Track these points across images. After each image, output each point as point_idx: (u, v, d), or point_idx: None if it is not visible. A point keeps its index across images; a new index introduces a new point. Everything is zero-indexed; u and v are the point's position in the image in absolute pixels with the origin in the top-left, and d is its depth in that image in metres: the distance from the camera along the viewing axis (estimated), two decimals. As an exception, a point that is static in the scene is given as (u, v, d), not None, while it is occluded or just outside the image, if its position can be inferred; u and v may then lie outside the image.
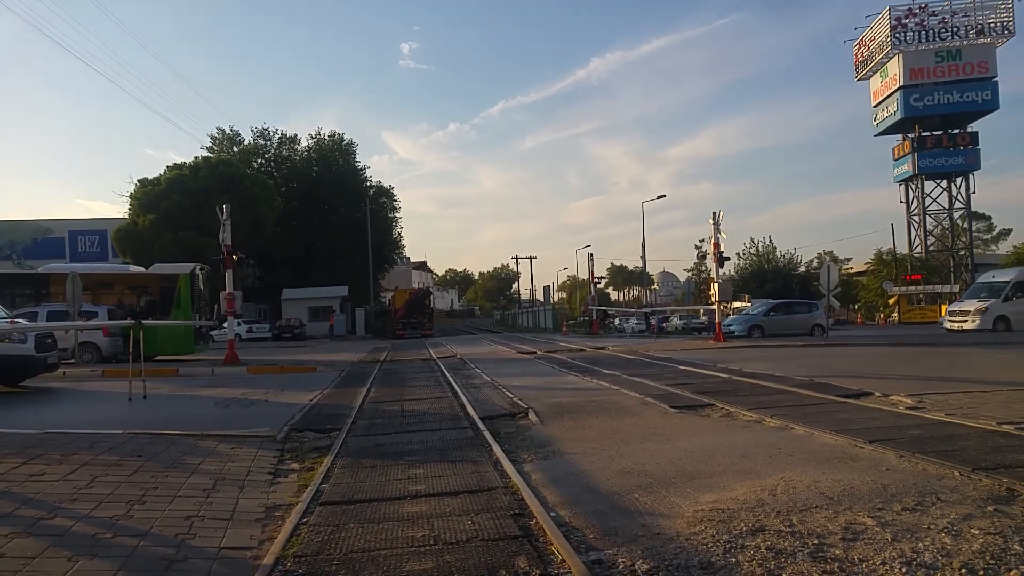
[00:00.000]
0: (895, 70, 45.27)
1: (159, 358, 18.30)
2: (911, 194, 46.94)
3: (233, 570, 3.50)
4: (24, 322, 12.51)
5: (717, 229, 21.75)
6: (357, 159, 53.70)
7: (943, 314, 28.55)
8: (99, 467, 5.36)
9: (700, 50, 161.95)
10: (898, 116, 45.22)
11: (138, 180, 39.77)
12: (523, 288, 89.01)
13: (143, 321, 11.65)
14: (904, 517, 3.89)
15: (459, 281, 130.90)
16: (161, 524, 4.14)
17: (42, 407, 10.06)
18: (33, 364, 11.89)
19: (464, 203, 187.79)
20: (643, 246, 44.32)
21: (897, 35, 44.41)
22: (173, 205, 36.05)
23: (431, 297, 48.42)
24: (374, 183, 55.00)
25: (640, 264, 47.12)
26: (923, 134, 45.40)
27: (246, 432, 7.16)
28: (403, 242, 60.55)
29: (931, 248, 46.66)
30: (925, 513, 3.94)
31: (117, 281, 21.82)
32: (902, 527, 3.72)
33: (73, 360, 16.97)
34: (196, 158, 41.49)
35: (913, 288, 40.12)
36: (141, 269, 22.92)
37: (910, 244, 46.69)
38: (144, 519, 4.21)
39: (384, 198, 55.25)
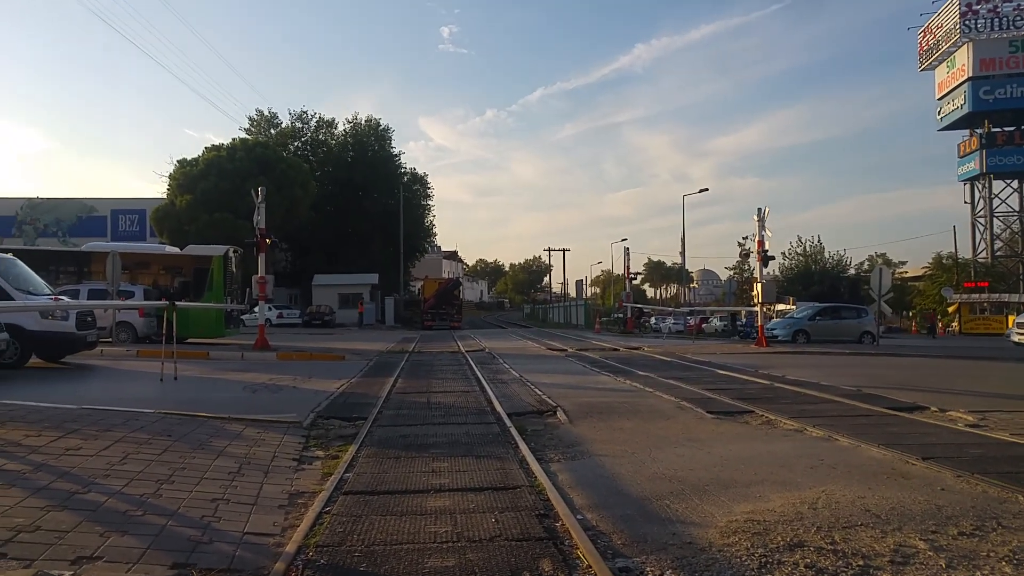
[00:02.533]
0: (963, 60, 42.16)
1: (190, 340, 18.61)
2: (977, 194, 44.08)
3: (256, 556, 3.49)
4: (67, 299, 12.87)
5: (762, 226, 21.05)
6: (392, 145, 53.68)
7: (1011, 326, 26.36)
8: (131, 445, 5.44)
9: (751, 36, 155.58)
10: (965, 110, 42.19)
11: (177, 161, 40.31)
12: (555, 282, 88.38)
13: (177, 303, 11.85)
14: (960, 542, 3.65)
15: (489, 272, 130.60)
16: (188, 505, 4.17)
17: (80, 383, 10.32)
18: (74, 341, 12.26)
19: (498, 192, 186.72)
20: (683, 241, 43.15)
21: (967, 22, 41.27)
22: (210, 186, 36.39)
23: (460, 288, 48.23)
24: (408, 170, 54.99)
25: (679, 260, 45.63)
26: (993, 130, 42.40)
27: (273, 417, 7.20)
28: (435, 230, 60.68)
29: (998, 253, 43.75)
30: (984, 539, 3.70)
31: (153, 261, 22.24)
32: (958, 553, 3.49)
33: (110, 339, 17.43)
34: (234, 140, 41.76)
35: (976, 296, 37.20)
36: (176, 250, 23.31)
37: (974, 248, 43.89)
38: (172, 499, 4.24)
39: (418, 185, 55.14)
